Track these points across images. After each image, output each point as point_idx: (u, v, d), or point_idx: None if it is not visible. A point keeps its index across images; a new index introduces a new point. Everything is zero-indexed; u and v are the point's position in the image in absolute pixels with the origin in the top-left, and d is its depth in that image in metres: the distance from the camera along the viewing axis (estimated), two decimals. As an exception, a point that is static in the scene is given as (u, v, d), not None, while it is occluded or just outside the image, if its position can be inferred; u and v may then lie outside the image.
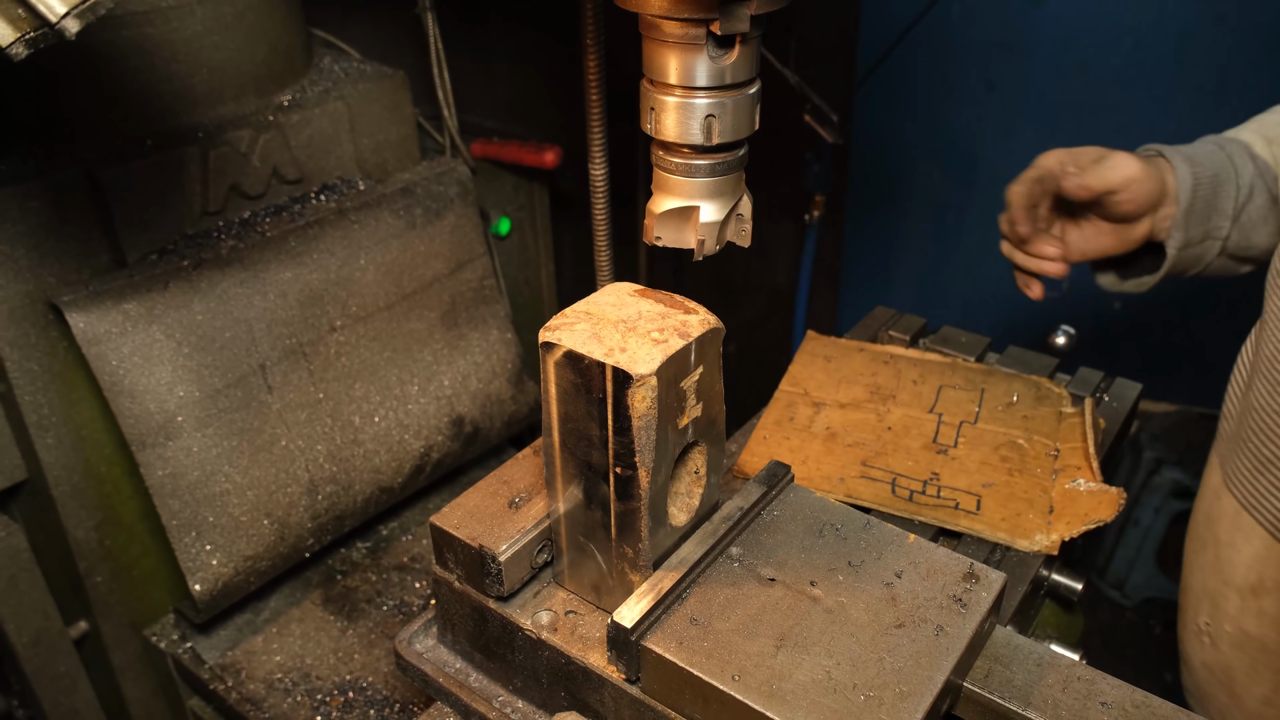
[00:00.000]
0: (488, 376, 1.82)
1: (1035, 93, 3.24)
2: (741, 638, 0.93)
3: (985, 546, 1.30)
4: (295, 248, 1.56)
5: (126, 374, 1.37)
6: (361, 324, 1.64)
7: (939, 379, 1.60)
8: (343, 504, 1.61)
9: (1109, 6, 3.00)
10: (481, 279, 1.83)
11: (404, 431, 1.69)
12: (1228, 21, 2.89)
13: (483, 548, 1.01)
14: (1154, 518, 3.18)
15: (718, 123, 0.97)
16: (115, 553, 1.57)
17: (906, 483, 1.40)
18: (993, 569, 1.00)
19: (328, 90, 1.70)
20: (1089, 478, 1.39)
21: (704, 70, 0.94)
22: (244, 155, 1.54)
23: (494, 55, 2.07)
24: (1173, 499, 3.15)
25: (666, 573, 0.98)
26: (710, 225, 1.03)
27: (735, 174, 1.04)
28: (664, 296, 0.97)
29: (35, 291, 1.37)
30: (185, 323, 1.42)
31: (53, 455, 1.45)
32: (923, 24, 3.23)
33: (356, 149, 1.74)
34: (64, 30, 0.67)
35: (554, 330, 0.92)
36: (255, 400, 1.50)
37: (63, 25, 0.67)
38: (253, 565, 1.51)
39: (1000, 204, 3.51)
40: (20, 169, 1.36)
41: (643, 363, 0.87)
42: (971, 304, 3.70)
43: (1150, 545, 3.19)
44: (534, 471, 1.13)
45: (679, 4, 0.88)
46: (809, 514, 1.08)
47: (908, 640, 0.92)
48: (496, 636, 1.06)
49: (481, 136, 2.05)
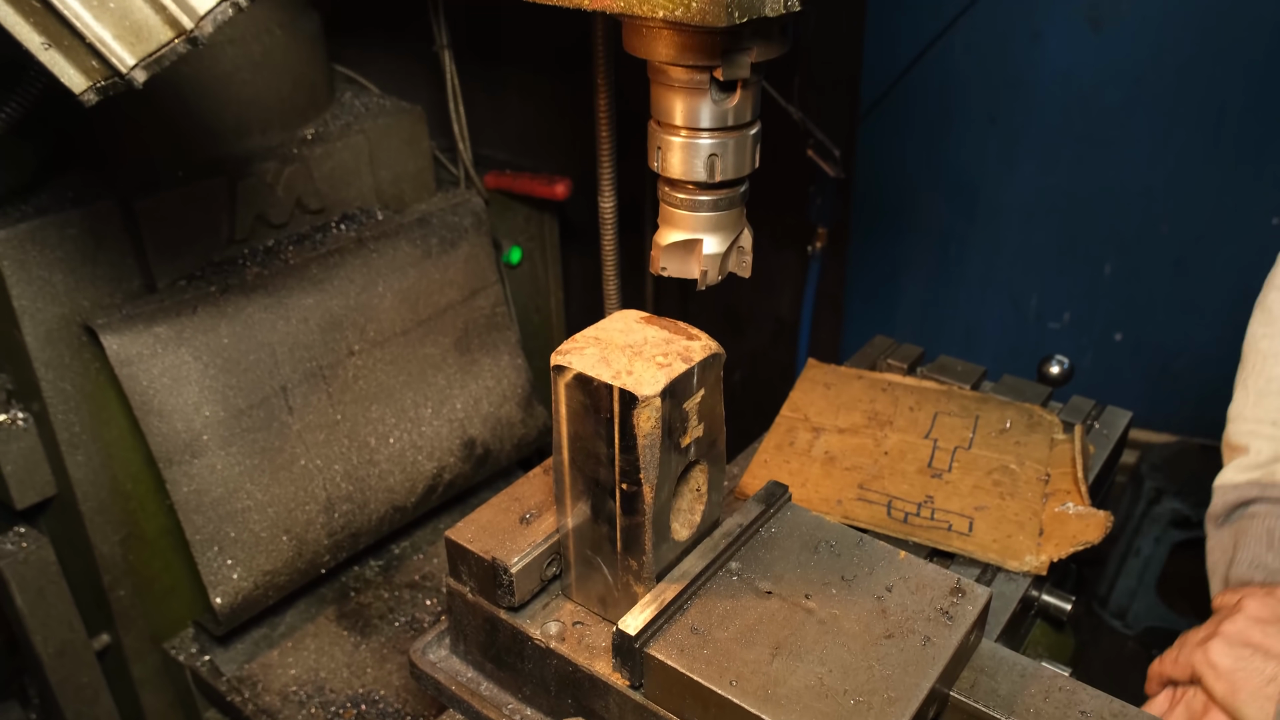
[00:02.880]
0: (498, 400, 1.88)
1: (1036, 126, 3.30)
2: (739, 646, 0.98)
3: (977, 567, 1.35)
4: (317, 275, 1.63)
5: (156, 394, 1.44)
6: (379, 348, 1.70)
7: (935, 406, 1.66)
8: (358, 522, 1.67)
9: (1108, 42, 3.07)
10: (494, 306, 1.90)
11: (417, 453, 1.75)
12: (1224, 57, 2.96)
13: (495, 560, 1.07)
14: (1155, 547, 3.21)
15: (720, 161, 1.03)
16: (138, 567, 1.63)
17: (902, 505, 1.45)
18: (978, 584, 1.05)
19: (349, 124, 1.78)
20: (1078, 501, 1.44)
21: (707, 113, 1.01)
22: (269, 186, 1.61)
23: (507, 90, 2.14)
24: (1173, 529, 3.18)
25: (669, 585, 1.03)
26: (713, 257, 1.09)
27: (736, 209, 1.10)
28: (668, 323, 1.03)
29: (70, 315, 1.44)
30: (212, 346, 1.49)
31: (82, 472, 1.51)
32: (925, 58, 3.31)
33: (376, 180, 1.81)
34: (132, 80, 0.74)
35: (565, 354, 0.98)
36: (277, 421, 1.56)
37: (131, 75, 0.74)
38: (271, 580, 1.56)
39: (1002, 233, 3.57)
40: (60, 198, 1.43)
41: (648, 385, 0.93)
42: (974, 333, 3.75)
43: (1151, 575, 3.22)
44: (544, 489, 1.18)
45: (684, 52, 0.95)
46: (805, 531, 1.13)
47: (896, 650, 0.97)
48: (507, 646, 1.11)
49: (495, 169, 2.11)
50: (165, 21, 0.73)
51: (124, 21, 0.72)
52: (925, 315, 3.82)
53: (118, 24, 0.72)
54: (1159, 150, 3.16)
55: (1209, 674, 1.14)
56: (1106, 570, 3.27)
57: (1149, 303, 3.41)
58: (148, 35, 0.73)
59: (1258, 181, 3.07)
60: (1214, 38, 2.93)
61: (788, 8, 0.86)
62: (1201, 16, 2.90)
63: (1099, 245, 3.39)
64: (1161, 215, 3.25)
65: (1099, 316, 3.53)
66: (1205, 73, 2.98)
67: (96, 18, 0.71)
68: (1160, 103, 3.08)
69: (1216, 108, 3.03)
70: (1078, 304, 3.53)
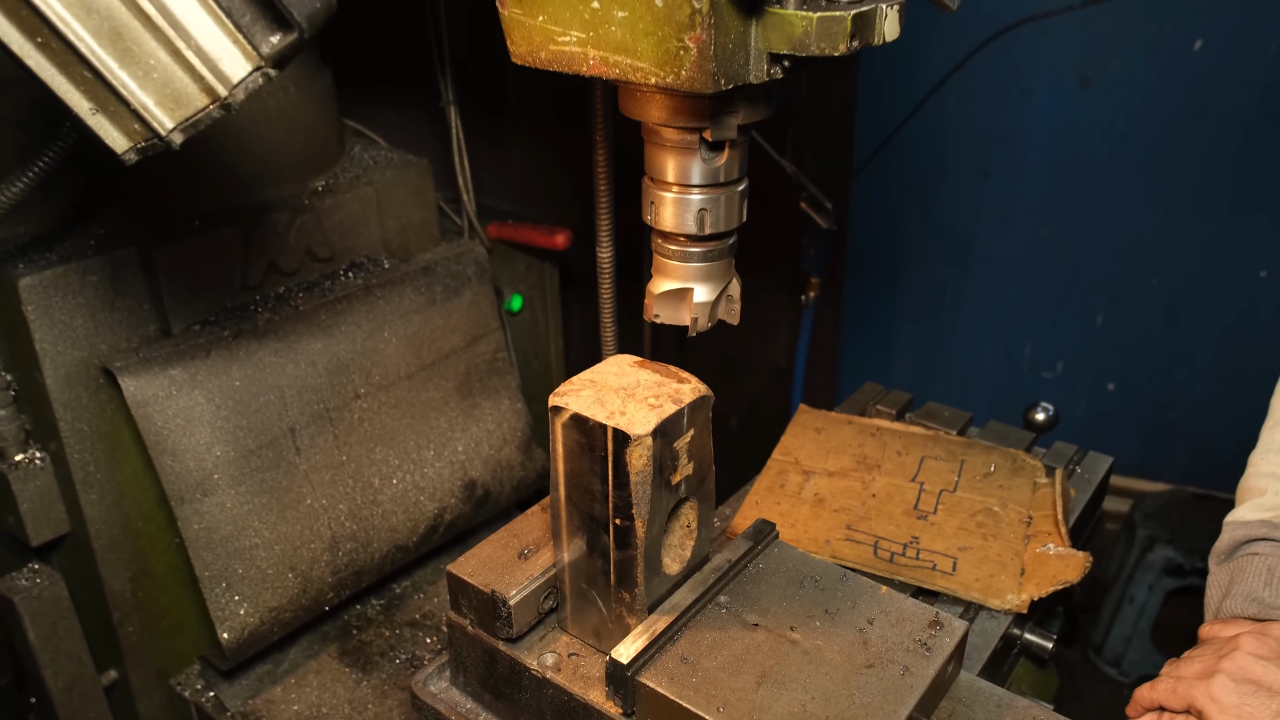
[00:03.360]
0: (499, 443, 1.94)
1: (1028, 181, 3.39)
2: (727, 675, 1.03)
3: (960, 605, 1.39)
4: (325, 321, 1.69)
5: (170, 434, 1.50)
6: (383, 392, 1.76)
7: (921, 450, 1.71)
8: (361, 560, 1.71)
9: (1097, 100, 3.16)
10: (495, 352, 1.96)
11: (419, 493, 1.80)
12: (1210, 116, 3.05)
13: (495, 593, 1.12)
14: (1148, 595, 3.23)
15: (709, 215, 1.10)
16: (147, 604, 1.67)
17: (888, 545, 1.50)
18: (956, 617, 1.10)
19: (358, 177, 1.85)
20: (1058, 542, 1.48)
21: (698, 170, 1.08)
22: (281, 235, 1.68)
23: (510, 144, 2.22)
24: (1166, 576, 3.20)
25: (660, 616, 1.08)
26: (703, 305, 1.16)
27: (725, 259, 1.17)
28: (660, 367, 1.10)
29: (89, 358, 1.50)
30: (224, 388, 1.55)
31: (95, 510, 1.56)
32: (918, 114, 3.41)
33: (382, 230, 1.88)
34: (171, 141, 0.81)
35: (562, 395, 1.04)
36: (284, 461, 1.62)
37: (170, 137, 0.81)
38: (277, 616, 1.61)
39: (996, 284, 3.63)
40: (82, 246, 1.50)
41: (640, 425, 0.99)
42: (969, 382, 3.81)
43: (1145, 622, 3.23)
44: (542, 526, 1.23)
45: (675, 115, 1.02)
46: (791, 567, 1.18)
47: (876, 679, 1.02)
48: (505, 677, 1.15)
49: (497, 219, 2.18)
50: (202, 89, 0.80)
51: (165, 89, 0.79)
52: (921, 364, 3.88)
53: (159, 91, 0.79)
54: (1148, 204, 3.24)
55: (1212, 708, 1.18)
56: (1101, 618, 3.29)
57: (1141, 353, 3.47)
58: (186, 101, 0.80)
59: (1245, 235, 3.15)
60: (1200, 96, 3.02)
61: (770, 76, 0.93)
62: (1187, 76, 3.00)
63: (1091, 297, 3.46)
64: (1152, 268, 3.33)
65: (1092, 366, 3.59)
66: (1192, 129, 3.08)
67: (141, 86, 0.78)
68: (1148, 158, 3.17)
69: (1203, 163, 3.12)
70: (1071, 354, 3.60)
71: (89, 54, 0.76)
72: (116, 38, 0.75)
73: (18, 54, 0.77)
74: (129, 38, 0.76)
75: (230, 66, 0.79)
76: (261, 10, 0.78)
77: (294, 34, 0.79)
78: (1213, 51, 2.95)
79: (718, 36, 0.86)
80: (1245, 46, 2.90)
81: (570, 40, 0.93)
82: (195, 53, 0.78)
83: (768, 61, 0.92)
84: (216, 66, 0.79)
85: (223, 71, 0.80)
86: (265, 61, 0.80)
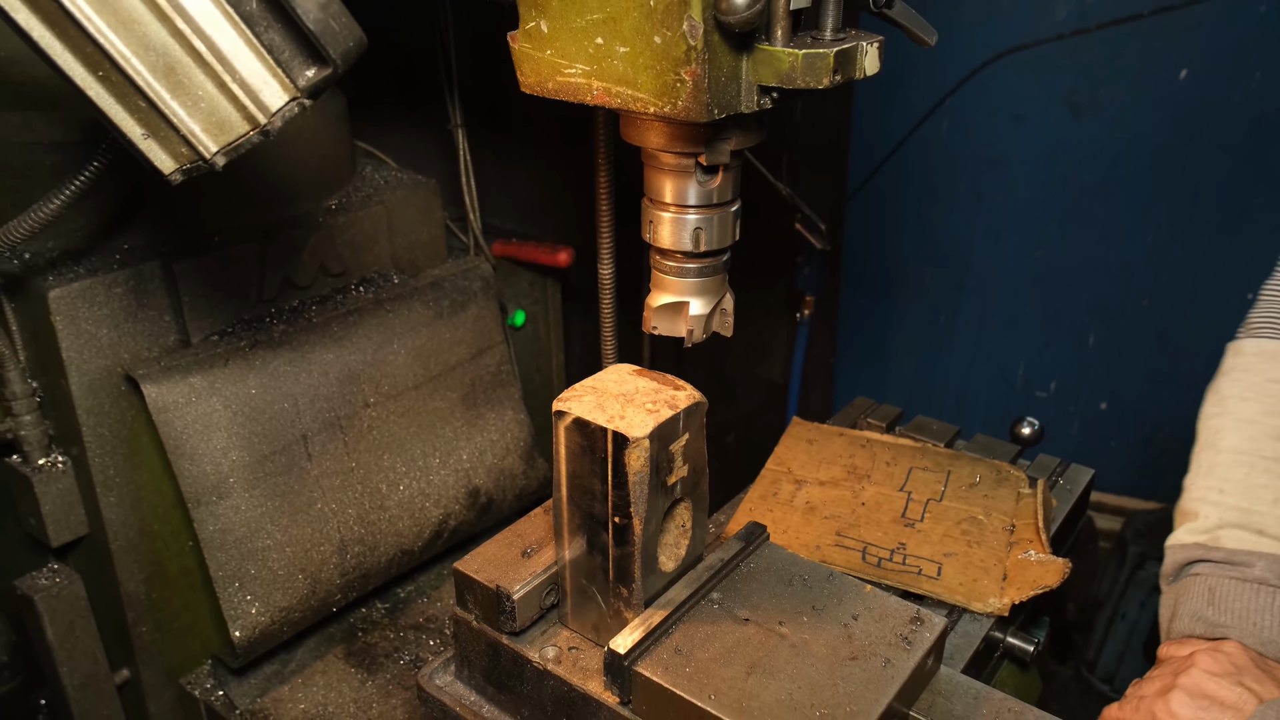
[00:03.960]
0: (502, 453, 2.00)
1: (1020, 203, 3.46)
2: (718, 665, 1.09)
3: (945, 608, 1.45)
4: (337, 333, 1.77)
5: (188, 439, 1.56)
6: (392, 401, 1.83)
7: (910, 461, 1.77)
8: (368, 563, 1.78)
9: (1088, 126, 3.24)
10: (499, 365, 2.03)
11: (425, 500, 1.87)
12: (1197, 141, 3.12)
13: (499, 588, 1.18)
14: (1140, 612, 3.27)
15: (704, 234, 1.18)
16: (160, 604, 1.73)
17: (876, 551, 1.56)
18: (935, 614, 1.16)
19: (369, 196, 1.93)
20: (1039, 549, 1.55)
21: (694, 192, 1.15)
22: (296, 251, 1.75)
23: (515, 164, 2.29)
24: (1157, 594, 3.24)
25: (656, 611, 1.14)
26: (698, 318, 1.23)
27: (720, 275, 1.24)
28: (657, 375, 1.16)
29: (112, 366, 1.56)
30: (241, 396, 1.62)
31: (114, 512, 1.62)
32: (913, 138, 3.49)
33: (392, 247, 1.96)
34: (214, 164, 0.89)
35: (565, 401, 1.11)
36: (297, 466, 1.68)
37: (214, 160, 0.88)
38: (287, 615, 1.67)
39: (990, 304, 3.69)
40: (108, 260, 1.57)
41: (638, 428, 1.05)
42: (963, 401, 3.87)
43: (1138, 639, 3.28)
44: (544, 527, 1.30)
45: (672, 140, 1.10)
46: (780, 566, 1.24)
47: (859, 670, 1.08)
48: (508, 669, 1.21)
49: (502, 237, 2.26)
50: (244, 117, 0.88)
51: (211, 117, 0.86)
52: (916, 382, 3.94)
53: (206, 119, 0.86)
54: (1138, 228, 3.31)
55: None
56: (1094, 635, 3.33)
57: (1132, 373, 3.53)
58: (229, 128, 0.88)
59: (1233, 259, 3.22)
60: (1186, 123, 3.10)
61: (761, 106, 1.00)
62: (1174, 103, 3.08)
63: (1083, 317, 3.53)
64: (1142, 290, 3.39)
65: (1084, 386, 3.65)
66: (1180, 155, 3.15)
67: (189, 114, 0.86)
68: (1138, 183, 3.24)
69: (1191, 188, 3.19)
70: (1063, 374, 3.66)
71: (145, 86, 0.83)
72: (170, 71, 0.83)
73: (80, 85, 0.85)
74: (181, 72, 0.83)
75: (269, 97, 0.87)
76: (299, 47, 0.85)
77: (329, 69, 0.87)
78: (1198, 80, 3.03)
79: (711, 70, 0.93)
80: (1229, 76, 2.98)
81: (576, 72, 1.00)
82: (239, 84, 0.85)
83: (758, 93, 0.99)
84: (257, 97, 0.87)
85: (263, 101, 0.87)
86: (301, 93, 0.88)
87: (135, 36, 0.81)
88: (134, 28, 0.81)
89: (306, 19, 0.82)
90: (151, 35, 0.82)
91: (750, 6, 0.86)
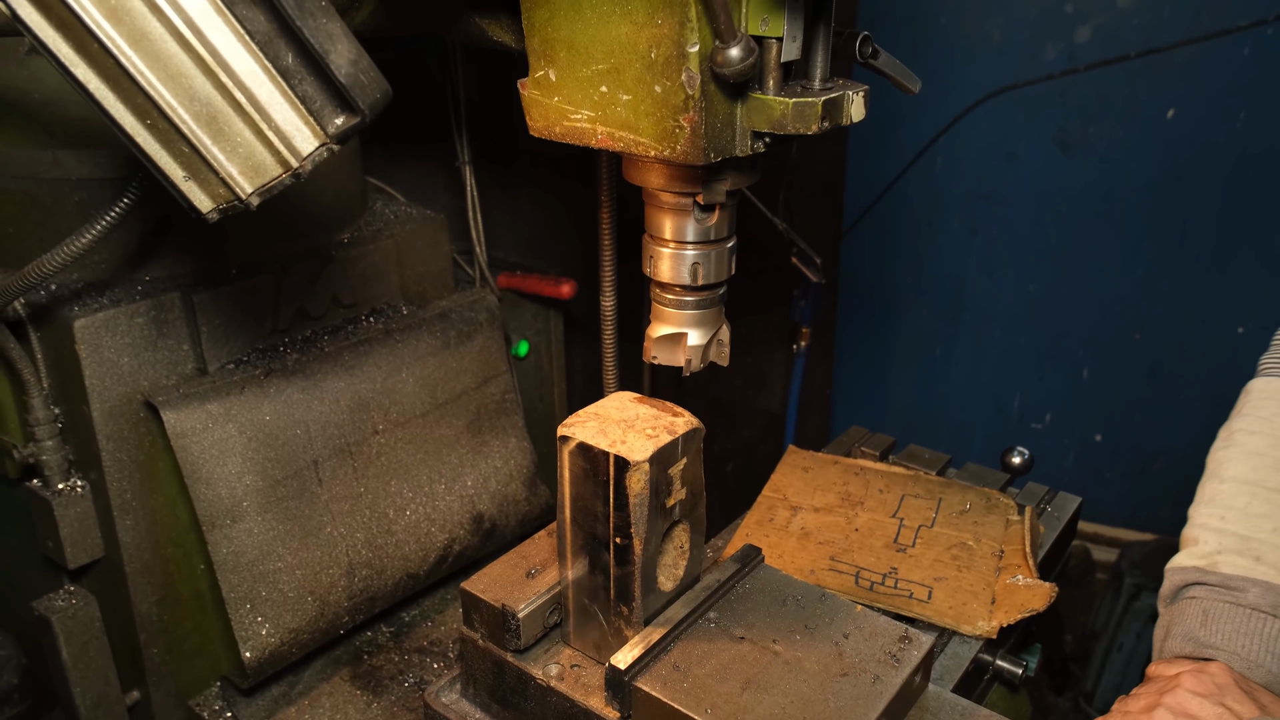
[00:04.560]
0: (505, 479, 2.06)
1: (1014, 238, 3.53)
2: (715, 681, 1.14)
3: (935, 631, 1.50)
4: (348, 362, 1.83)
5: (204, 464, 1.62)
6: (400, 429, 1.88)
7: (902, 489, 1.83)
8: (375, 586, 1.82)
9: (1078, 164, 3.32)
10: (503, 393, 2.09)
11: (431, 525, 1.92)
12: (1186, 178, 3.20)
13: (505, 607, 1.23)
14: (1136, 643, 3.29)
15: (702, 268, 1.24)
16: (171, 627, 1.77)
17: (868, 575, 1.61)
18: (923, 632, 1.21)
19: (380, 230, 1.99)
20: (1026, 574, 1.60)
21: (691, 229, 1.22)
22: (310, 283, 1.82)
23: (521, 199, 2.36)
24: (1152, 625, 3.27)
25: (655, 629, 1.19)
26: (696, 348, 1.29)
27: (717, 307, 1.30)
28: (657, 403, 1.22)
29: (131, 393, 1.62)
30: (255, 422, 1.67)
31: (130, 535, 1.67)
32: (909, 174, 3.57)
33: (401, 279, 2.02)
34: (249, 204, 0.96)
35: (570, 426, 1.16)
36: (308, 491, 1.73)
37: (249, 200, 0.95)
38: (296, 637, 1.71)
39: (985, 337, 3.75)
40: (130, 290, 1.63)
41: (638, 452, 1.11)
42: (960, 433, 3.92)
43: (1134, 670, 3.29)
44: (548, 548, 1.35)
45: (671, 181, 1.16)
46: (775, 587, 1.29)
47: (849, 686, 1.13)
48: (512, 686, 1.26)
49: (507, 270, 2.32)
50: (277, 161, 0.95)
51: (248, 160, 0.93)
52: (913, 414, 3.99)
53: (243, 162, 0.93)
54: (1129, 263, 3.37)
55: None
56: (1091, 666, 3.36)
57: (1126, 406, 3.58)
58: (264, 170, 0.94)
59: (1224, 293, 3.28)
60: (1175, 161, 3.17)
61: (754, 150, 1.07)
62: (1162, 142, 3.16)
63: (1077, 350, 3.58)
64: (1135, 323, 3.45)
65: (1079, 418, 3.69)
66: (1170, 192, 3.22)
67: (228, 158, 0.93)
68: (1129, 219, 3.31)
69: (1180, 224, 3.26)
70: (1058, 406, 3.71)
71: (189, 133, 0.90)
72: (212, 120, 0.90)
73: (129, 132, 0.92)
74: (222, 120, 0.90)
75: (301, 143, 0.94)
76: (330, 97, 0.92)
77: (357, 117, 0.94)
78: (1185, 120, 3.12)
79: (708, 117, 1.00)
80: (1215, 115, 3.07)
81: (581, 118, 1.07)
82: (274, 131, 0.92)
83: (751, 137, 1.06)
84: (290, 142, 0.93)
85: (295, 146, 0.94)
86: (330, 139, 0.95)
87: (182, 89, 0.88)
88: (181, 81, 0.88)
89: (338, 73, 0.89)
90: (197, 87, 0.89)
91: (743, 60, 0.92)
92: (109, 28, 0.85)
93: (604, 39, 1.02)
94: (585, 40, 1.04)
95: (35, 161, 1.56)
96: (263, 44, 0.88)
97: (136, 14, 0.86)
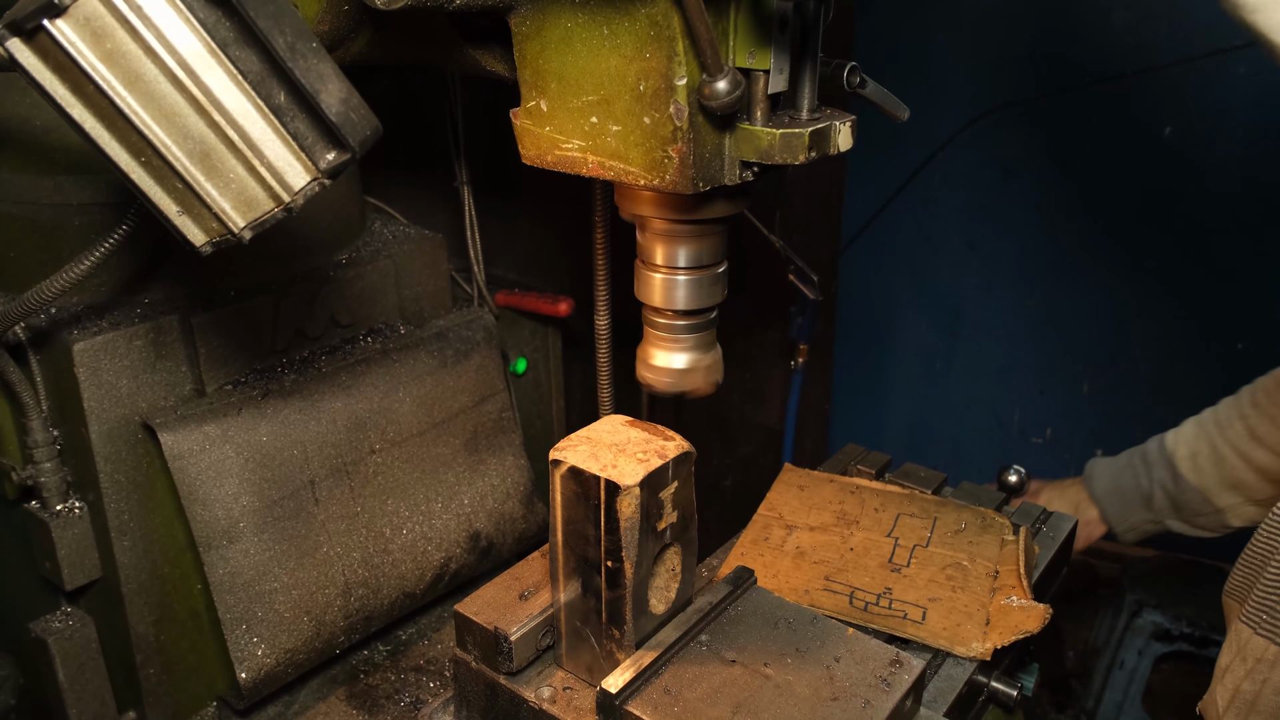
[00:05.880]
0: (502, 497, 2.06)
1: (1012, 253, 3.54)
2: (706, 705, 1.14)
3: (929, 652, 1.50)
4: (345, 381, 1.84)
5: (201, 485, 1.63)
6: (397, 448, 1.89)
7: (898, 508, 1.83)
8: (372, 606, 1.83)
9: (1074, 180, 3.32)
10: (500, 412, 2.10)
11: (427, 544, 1.93)
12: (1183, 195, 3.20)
13: (498, 629, 1.24)
14: (1138, 660, 3.28)
15: (693, 293, 1.25)
16: (168, 647, 1.78)
17: (863, 595, 1.61)
18: (914, 656, 1.22)
19: (378, 250, 2.01)
20: (1021, 595, 1.60)
21: (682, 255, 1.23)
22: (308, 304, 1.83)
23: (518, 219, 2.38)
24: (1154, 641, 3.26)
25: (647, 652, 1.20)
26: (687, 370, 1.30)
27: (709, 330, 1.31)
28: (648, 426, 1.23)
29: (130, 415, 1.63)
30: (252, 443, 1.68)
31: (127, 556, 1.68)
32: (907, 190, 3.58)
33: (399, 299, 2.03)
34: (241, 237, 0.97)
35: (561, 450, 1.17)
36: (304, 511, 1.74)
37: (241, 234, 0.97)
38: (292, 657, 1.72)
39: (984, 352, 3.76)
40: (129, 314, 1.64)
41: (629, 476, 1.12)
42: (960, 448, 3.92)
43: (1136, 688, 3.28)
44: (540, 571, 1.36)
45: (662, 208, 1.18)
46: (767, 610, 1.30)
47: (840, 710, 1.13)
48: (505, 709, 1.27)
49: (505, 288, 2.33)
50: (269, 196, 0.96)
51: (240, 195, 0.95)
52: (912, 429, 3.99)
53: (236, 197, 0.95)
54: (1127, 279, 3.37)
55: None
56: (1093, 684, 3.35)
57: (1125, 421, 3.57)
58: (256, 205, 0.96)
59: (1222, 310, 3.28)
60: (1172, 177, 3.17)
61: (743, 179, 1.08)
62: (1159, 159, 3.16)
63: (1076, 365, 3.58)
64: (1133, 339, 3.45)
65: (1079, 434, 3.69)
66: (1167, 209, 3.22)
67: (221, 194, 0.94)
68: (1127, 235, 3.31)
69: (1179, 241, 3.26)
70: (1058, 421, 3.71)
71: (183, 170, 0.92)
72: (205, 157, 0.91)
73: (124, 170, 0.93)
74: (215, 157, 0.92)
75: (293, 178, 0.95)
76: (321, 134, 0.94)
77: (348, 153, 0.95)
78: (1181, 137, 3.13)
79: (696, 148, 1.02)
80: (1213, 133, 3.08)
81: (572, 147, 1.08)
82: (266, 167, 0.94)
83: (739, 167, 1.07)
84: (282, 178, 0.95)
85: (287, 181, 0.95)
86: (321, 174, 0.96)
87: (176, 128, 0.90)
88: (175, 120, 0.89)
89: (329, 111, 0.90)
90: (191, 126, 0.90)
91: (730, 93, 0.94)
92: (105, 71, 0.87)
93: (594, 71, 1.04)
94: (575, 72, 1.06)
95: (37, 187, 1.57)
96: (255, 84, 0.89)
97: (132, 57, 0.88)
